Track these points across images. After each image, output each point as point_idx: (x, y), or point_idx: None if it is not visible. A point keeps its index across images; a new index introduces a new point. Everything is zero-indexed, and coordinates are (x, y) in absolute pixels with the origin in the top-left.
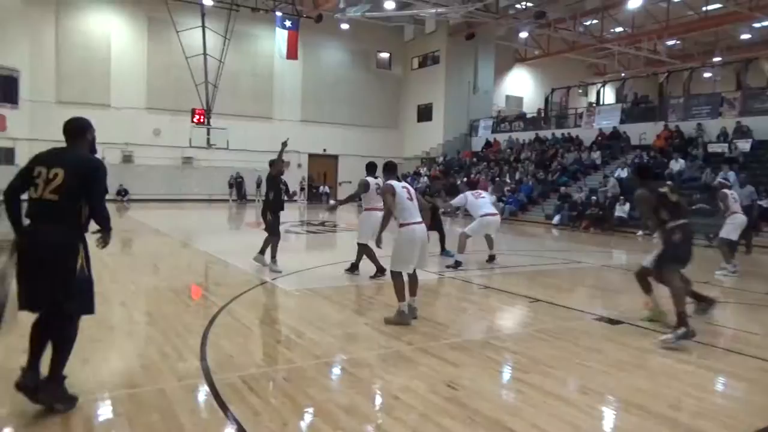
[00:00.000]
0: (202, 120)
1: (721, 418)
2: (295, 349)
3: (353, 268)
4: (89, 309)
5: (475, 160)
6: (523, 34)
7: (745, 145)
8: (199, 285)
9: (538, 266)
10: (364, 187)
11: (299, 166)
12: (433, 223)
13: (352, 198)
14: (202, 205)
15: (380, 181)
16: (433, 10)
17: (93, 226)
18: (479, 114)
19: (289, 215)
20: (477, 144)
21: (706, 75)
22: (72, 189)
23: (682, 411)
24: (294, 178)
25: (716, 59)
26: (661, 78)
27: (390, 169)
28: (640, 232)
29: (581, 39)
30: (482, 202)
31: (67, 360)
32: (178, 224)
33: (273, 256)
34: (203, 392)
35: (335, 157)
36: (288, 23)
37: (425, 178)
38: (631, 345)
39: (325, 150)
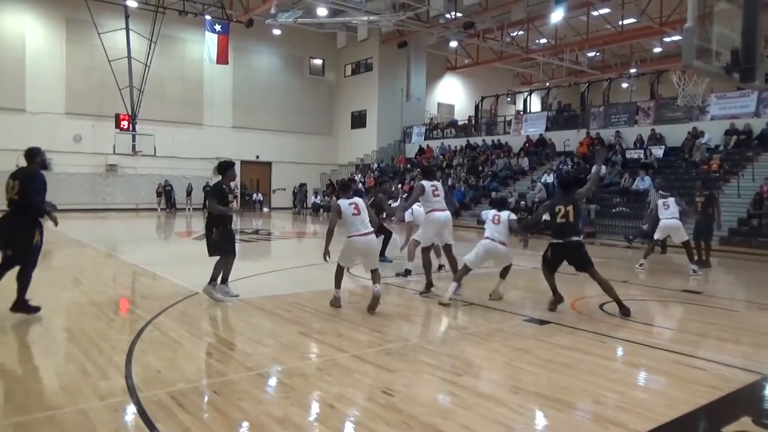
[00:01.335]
0: (127, 126)
1: (640, 410)
2: (227, 362)
3: (428, 286)
4: (36, 263)
5: (409, 166)
6: (453, 44)
7: (658, 152)
8: (125, 298)
9: (471, 270)
10: (421, 189)
11: None
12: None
13: (411, 202)
14: (128, 214)
15: (437, 183)
16: (365, 18)
17: None
18: (412, 121)
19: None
20: (410, 150)
21: (624, 85)
22: (23, 191)
23: (606, 405)
24: None
25: (632, 70)
26: (583, 87)
27: (343, 188)
28: None
29: (508, 49)
30: None
31: (26, 289)
32: (102, 234)
33: (225, 279)
34: (128, 411)
35: (269, 164)
36: (218, 27)
37: (361, 185)
38: (558, 344)
39: (258, 157)
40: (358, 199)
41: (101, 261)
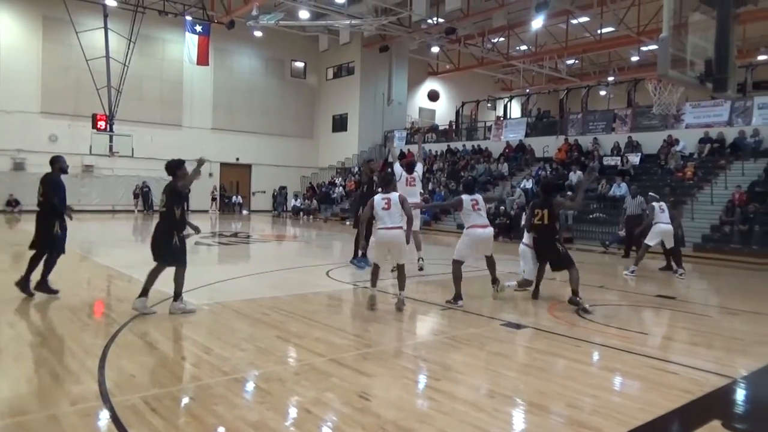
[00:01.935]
0: (104, 126)
1: (614, 414)
2: (203, 366)
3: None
4: (62, 250)
5: (389, 170)
6: (435, 49)
7: (635, 159)
8: (99, 301)
9: (450, 274)
10: (458, 203)
11: (210, 175)
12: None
13: (441, 206)
14: (104, 216)
15: (478, 197)
16: (348, 22)
17: None
18: (393, 125)
19: (200, 226)
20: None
21: (602, 93)
22: (45, 194)
23: (580, 409)
24: (205, 187)
25: (610, 78)
26: (562, 94)
27: (384, 182)
28: None
29: (489, 55)
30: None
31: (50, 272)
32: (77, 236)
33: (179, 292)
34: (100, 416)
35: (248, 167)
36: (198, 28)
37: (341, 188)
38: (535, 348)
39: (237, 159)
40: (393, 195)
41: (76, 263)
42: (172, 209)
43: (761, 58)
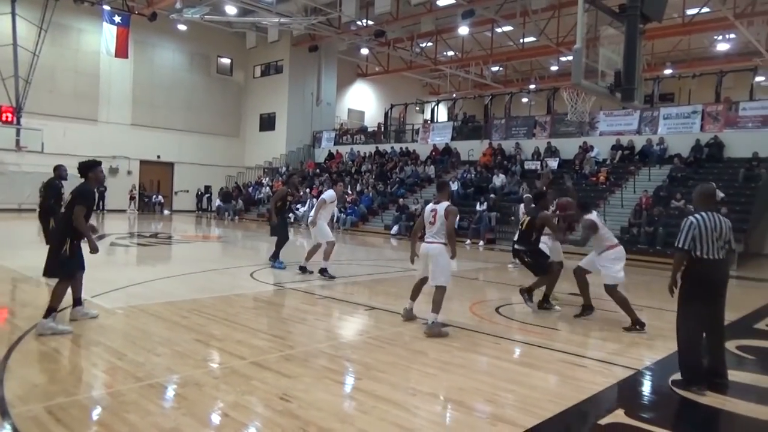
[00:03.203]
0: (10, 119)
1: (527, 407)
2: (115, 373)
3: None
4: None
5: (318, 171)
6: (365, 51)
7: (553, 163)
8: (1, 307)
9: (377, 275)
10: (594, 227)
11: (129, 173)
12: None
13: (584, 241)
14: (9, 215)
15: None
16: (276, 20)
17: None
18: (322, 126)
19: (117, 226)
20: (320, 155)
21: (524, 100)
22: (43, 197)
23: (496, 404)
24: (124, 186)
25: (531, 86)
26: (486, 100)
27: (439, 189)
28: (467, 242)
29: (417, 59)
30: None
31: None
32: None
33: (55, 307)
34: None
35: (171, 165)
36: (117, 19)
37: (268, 188)
38: (456, 347)
39: (159, 157)
40: (441, 207)
41: None
42: (70, 213)
43: (667, 72)
